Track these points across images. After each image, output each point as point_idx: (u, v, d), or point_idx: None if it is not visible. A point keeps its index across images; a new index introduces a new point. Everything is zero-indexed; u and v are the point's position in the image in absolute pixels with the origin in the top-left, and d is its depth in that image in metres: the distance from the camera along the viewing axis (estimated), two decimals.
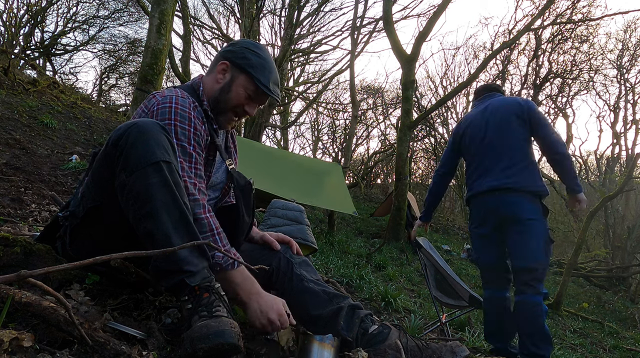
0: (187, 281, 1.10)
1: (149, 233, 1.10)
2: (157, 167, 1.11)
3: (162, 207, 1.10)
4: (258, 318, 1.20)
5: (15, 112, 5.42)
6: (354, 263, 5.71)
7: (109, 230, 1.25)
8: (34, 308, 0.97)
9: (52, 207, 3.01)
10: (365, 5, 12.32)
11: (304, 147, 24.04)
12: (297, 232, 3.57)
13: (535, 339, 2.31)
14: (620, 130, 15.44)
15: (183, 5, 10.45)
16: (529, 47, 13.11)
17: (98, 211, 1.23)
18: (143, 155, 1.11)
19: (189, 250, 1.12)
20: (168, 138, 1.18)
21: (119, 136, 1.14)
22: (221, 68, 1.45)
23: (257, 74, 1.42)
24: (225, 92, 1.44)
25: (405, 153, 8.73)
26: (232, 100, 1.43)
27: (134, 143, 1.12)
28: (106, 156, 1.18)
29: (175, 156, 1.21)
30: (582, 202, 2.57)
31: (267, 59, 1.46)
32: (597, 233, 15.38)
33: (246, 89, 1.43)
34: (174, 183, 1.13)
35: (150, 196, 1.10)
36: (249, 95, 1.44)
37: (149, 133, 1.13)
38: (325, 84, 15.41)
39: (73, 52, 18.28)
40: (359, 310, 1.41)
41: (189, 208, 1.17)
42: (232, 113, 1.46)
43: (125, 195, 1.12)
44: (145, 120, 1.17)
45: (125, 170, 1.11)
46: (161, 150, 1.13)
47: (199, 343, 1.00)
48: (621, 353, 4.83)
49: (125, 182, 1.12)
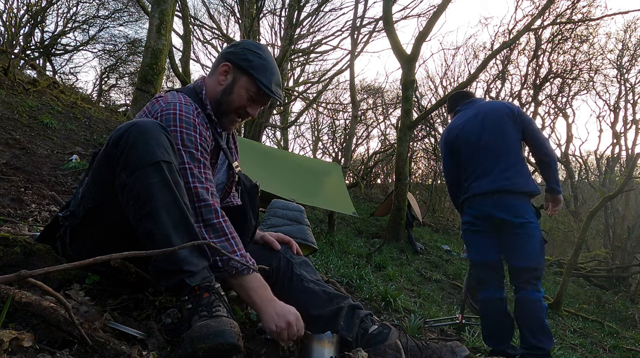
0: (187, 281, 1.10)
1: (149, 233, 1.10)
2: (157, 167, 1.11)
3: (163, 207, 1.11)
4: (275, 321, 1.20)
5: (15, 112, 5.42)
6: (354, 263, 5.71)
7: (109, 230, 1.25)
8: (34, 308, 0.97)
9: (52, 207, 3.01)
10: (365, 5, 12.34)
11: (304, 147, 24.07)
12: (297, 232, 3.57)
13: (537, 333, 2.36)
14: (620, 130, 15.45)
15: (183, 5, 10.45)
16: (529, 47, 13.11)
17: (98, 211, 1.23)
18: (143, 155, 1.11)
19: (189, 250, 1.12)
20: (168, 138, 1.18)
21: (120, 136, 1.14)
22: (223, 69, 1.45)
23: (259, 76, 1.41)
24: (227, 94, 1.44)
25: (405, 153, 8.73)
26: (234, 102, 1.44)
27: (134, 143, 1.12)
28: (106, 156, 1.18)
29: (175, 156, 1.21)
30: (560, 203, 2.71)
31: (268, 60, 1.45)
32: (597, 233, 15.38)
33: (248, 91, 1.43)
34: (174, 183, 1.14)
35: (150, 196, 1.10)
36: (251, 96, 1.44)
37: (150, 133, 1.14)
38: (325, 84, 15.42)
39: (73, 52, 18.30)
40: (359, 310, 1.41)
41: (189, 208, 1.17)
42: (234, 114, 1.46)
43: (126, 195, 1.12)
44: (146, 120, 1.17)
45: (125, 170, 1.12)
46: (161, 149, 1.13)
47: (199, 343, 1.00)
48: (621, 353, 4.83)
49: (126, 182, 1.12)
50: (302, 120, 20.61)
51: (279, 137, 20.35)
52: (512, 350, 2.57)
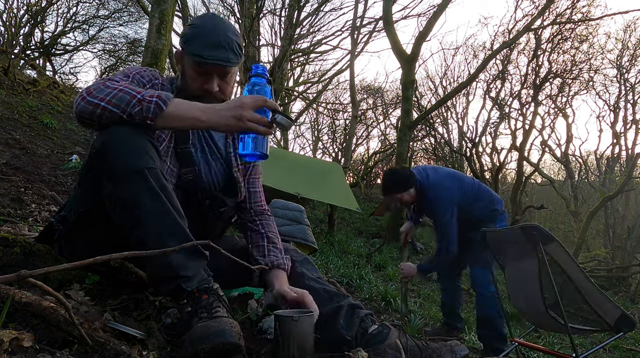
0: (183, 286, 1.09)
1: (141, 242, 1.08)
2: (142, 176, 1.08)
3: (150, 216, 1.09)
4: (230, 121, 1.09)
5: (15, 112, 5.42)
6: (354, 263, 5.71)
7: (104, 232, 1.24)
8: (34, 308, 0.97)
9: (52, 207, 3.01)
10: (365, 5, 12.32)
11: (304, 147, 23.97)
12: (297, 232, 3.57)
13: None
14: (620, 130, 15.43)
15: (183, 5, 10.46)
16: (529, 47, 13.09)
17: (89, 215, 1.23)
18: (128, 163, 1.08)
19: (183, 254, 1.10)
20: (152, 142, 1.14)
21: (102, 144, 1.10)
22: (178, 57, 1.38)
23: (192, 47, 1.30)
24: (184, 80, 1.37)
25: (405, 153, 8.73)
26: (189, 85, 1.35)
27: (117, 151, 1.08)
28: (90, 164, 1.16)
29: (161, 161, 1.17)
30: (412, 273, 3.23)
31: (203, 25, 1.31)
32: (597, 233, 15.38)
33: (192, 68, 1.32)
34: (160, 189, 1.11)
35: (137, 205, 1.08)
36: (197, 72, 1.32)
37: (131, 139, 1.10)
38: (325, 84, 15.42)
39: (73, 52, 18.26)
40: (359, 309, 1.41)
41: (180, 213, 1.15)
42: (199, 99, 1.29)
43: (113, 204, 1.11)
44: (126, 127, 1.11)
45: (110, 180, 1.09)
46: (145, 157, 1.10)
47: (200, 343, 0.99)
48: (621, 353, 4.83)
49: (112, 191, 1.10)
50: (302, 120, 20.60)
51: (279, 137, 20.34)
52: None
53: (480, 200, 3.06)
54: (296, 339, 1.20)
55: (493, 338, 2.94)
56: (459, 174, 3.21)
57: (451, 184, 3.00)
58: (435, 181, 3.00)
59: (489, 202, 3.08)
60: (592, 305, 2.31)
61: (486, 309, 2.97)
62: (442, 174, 3.07)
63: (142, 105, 1.09)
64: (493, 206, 3.08)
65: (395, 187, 3.03)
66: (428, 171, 3.09)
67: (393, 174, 3.11)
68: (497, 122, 14.70)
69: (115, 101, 1.09)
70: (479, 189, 3.09)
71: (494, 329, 2.93)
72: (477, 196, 3.06)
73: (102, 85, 1.12)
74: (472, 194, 3.04)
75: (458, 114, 16.61)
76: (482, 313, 3.01)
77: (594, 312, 2.32)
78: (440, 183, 2.99)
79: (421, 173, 3.04)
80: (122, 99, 1.09)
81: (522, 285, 2.50)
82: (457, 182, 3.04)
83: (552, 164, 21.53)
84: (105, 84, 1.13)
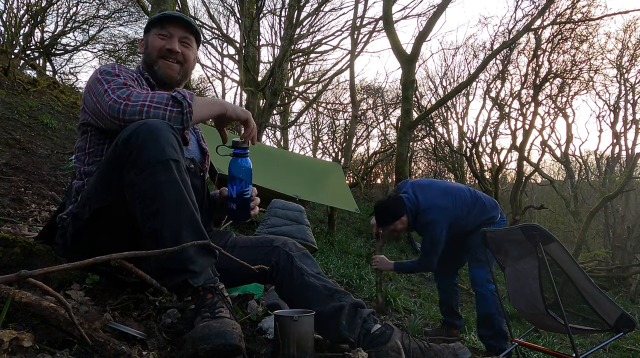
0: (190, 282, 1.10)
1: (156, 231, 1.10)
2: (166, 165, 1.12)
3: (170, 205, 1.11)
4: (237, 115, 1.38)
5: (15, 112, 5.42)
6: (354, 263, 5.71)
7: (114, 231, 1.25)
8: (34, 308, 0.97)
9: (52, 207, 3.01)
10: (365, 5, 12.27)
11: (304, 147, 23.95)
12: (297, 232, 3.57)
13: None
14: (620, 130, 15.42)
15: (183, 5, 10.44)
16: (529, 47, 13.10)
17: (104, 212, 1.23)
18: (153, 154, 1.12)
19: (194, 249, 1.12)
20: (176, 136, 1.19)
21: (129, 135, 1.14)
22: (141, 44, 1.60)
23: (153, 21, 1.56)
24: (146, 52, 1.56)
25: (405, 153, 8.73)
26: (153, 50, 1.52)
27: (143, 142, 1.12)
28: (115, 155, 1.18)
29: (183, 155, 1.21)
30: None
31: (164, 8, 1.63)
32: (597, 233, 15.39)
33: (156, 34, 1.53)
34: (182, 182, 1.14)
35: (158, 194, 1.11)
36: (160, 35, 1.52)
37: (159, 132, 1.14)
38: (325, 84, 15.39)
39: (73, 52, 18.24)
40: (361, 309, 1.40)
41: (196, 207, 1.17)
42: (161, 60, 1.52)
43: (134, 194, 1.13)
44: (155, 120, 1.19)
45: (134, 169, 1.12)
46: (170, 148, 1.14)
47: (201, 343, 0.99)
48: (621, 353, 4.83)
49: (135, 180, 1.12)
50: (302, 120, 20.58)
51: (279, 137, 20.34)
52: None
53: (474, 211, 3.05)
54: (296, 339, 1.19)
55: (494, 337, 2.94)
56: (451, 188, 3.12)
57: (445, 202, 2.96)
58: (427, 203, 2.96)
59: (484, 211, 3.06)
60: (592, 305, 2.32)
61: (486, 307, 2.97)
62: (433, 193, 3.02)
63: (178, 100, 1.27)
64: (489, 214, 3.06)
65: (385, 219, 3.03)
66: (417, 192, 3.02)
67: (382, 206, 3.07)
68: (497, 122, 14.70)
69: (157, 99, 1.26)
70: (473, 200, 3.07)
71: (494, 327, 2.93)
72: (472, 207, 3.05)
73: (135, 92, 1.29)
74: (466, 207, 3.02)
75: (458, 114, 16.62)
76: (482, 312, 3.00)
77: (594, 312, 2.34)
78: (433, 203, 2.95)
79: (410, 198, 3.00)
80: (161, 97, 1.27)
81: (522, 286, 2.50)
82: (450, 197, 3.00)
83: (552, 164, 21.53)
84: (130, 89, 1.30)
